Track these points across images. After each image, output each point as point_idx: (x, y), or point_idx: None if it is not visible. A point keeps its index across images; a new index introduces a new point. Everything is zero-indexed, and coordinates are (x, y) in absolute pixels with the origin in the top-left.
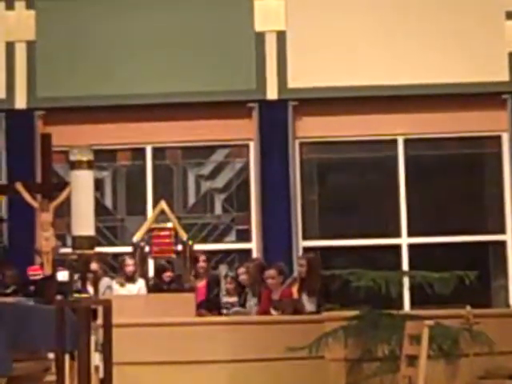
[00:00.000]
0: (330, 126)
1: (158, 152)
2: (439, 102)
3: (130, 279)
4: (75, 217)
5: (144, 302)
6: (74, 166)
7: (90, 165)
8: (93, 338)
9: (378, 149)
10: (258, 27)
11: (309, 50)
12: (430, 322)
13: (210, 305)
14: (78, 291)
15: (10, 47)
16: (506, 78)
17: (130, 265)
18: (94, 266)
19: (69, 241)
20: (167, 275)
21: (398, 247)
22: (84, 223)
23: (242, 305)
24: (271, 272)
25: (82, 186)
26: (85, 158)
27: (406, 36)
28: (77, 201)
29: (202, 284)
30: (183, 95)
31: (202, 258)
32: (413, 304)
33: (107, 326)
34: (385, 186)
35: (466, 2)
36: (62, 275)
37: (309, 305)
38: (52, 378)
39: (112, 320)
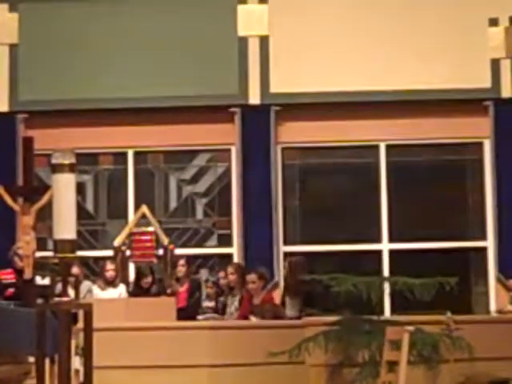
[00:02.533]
0: (313, 131)
1: (140, 156)
2: (421, 108)
3: (111, 283)
4: (57, 220)
5: (125, 306)
6: (56, 169)
7: (71, 168)
8: (73, 342)
9: (360, 154)
10: (241, 32)
11: (292, 56)
12: (411, 328)
13: (188, 313)
14: (59, 295)
15: None
16: (488, 84)
17: (110, 269)
18: (75, 269)
19: (50, 244)
20: (146, 282)
21: (379, 253)
22: (66, 227)
23: (222, 309)
24: (252, 276)
25: (63, 189)
26: (67, 162)
27: (389, 42)
28: (58, 204)
29: (183, 289)
30: (165, 99)
31: (181, 262)
32: (393, 310)
33: (88, 330)
34: (366, 192)
35: (449, 8)
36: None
37: (292, 308)
38: (32, 381)
39: (93, 324)
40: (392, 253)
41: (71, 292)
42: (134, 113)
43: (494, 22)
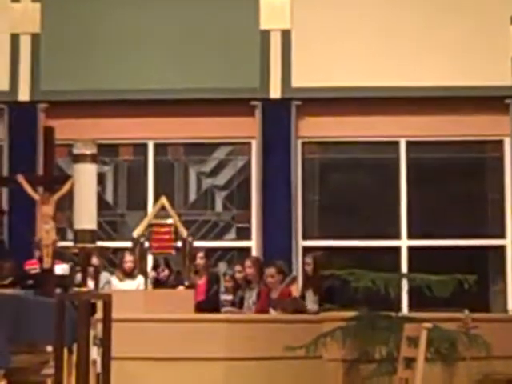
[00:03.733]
0: (333, 126)
1: (160, 148)
2: (442, 105)
3: (129, 275)
4: (77, 210)
5: (143, 297)
6: (78, 159)
7: (93, 158)
8: (91, 332)
9: (379, 150)
10: (263, 25)
11: (313, 50)
12: (429, 325)
13: (208, 305)
14: (79, 285)
15: (14, 39)
16: (509, 82)
17: (129, 261)
18: (94, 260)
19: (69, 234)
20: (164, 275)
21: (397, 249)
22: (86, 217)
23: (240, 302)
24: (271, 270)
25: (85, 179)
26: (89, 152)
27: (411, 38)
28: (79, 194)
29: (202, 281)
30: (186, 91)
31: (200, 255)
32: (411, 306)
33: (107, 321)
34: (386, 188)
35: (470, 6)
36: (60, 269)
37: (313, 303)
38: (50, 371)
39: (111, 314)
40: (411, 249)
41: (91, 282)
42: (154, 104)
43: None
